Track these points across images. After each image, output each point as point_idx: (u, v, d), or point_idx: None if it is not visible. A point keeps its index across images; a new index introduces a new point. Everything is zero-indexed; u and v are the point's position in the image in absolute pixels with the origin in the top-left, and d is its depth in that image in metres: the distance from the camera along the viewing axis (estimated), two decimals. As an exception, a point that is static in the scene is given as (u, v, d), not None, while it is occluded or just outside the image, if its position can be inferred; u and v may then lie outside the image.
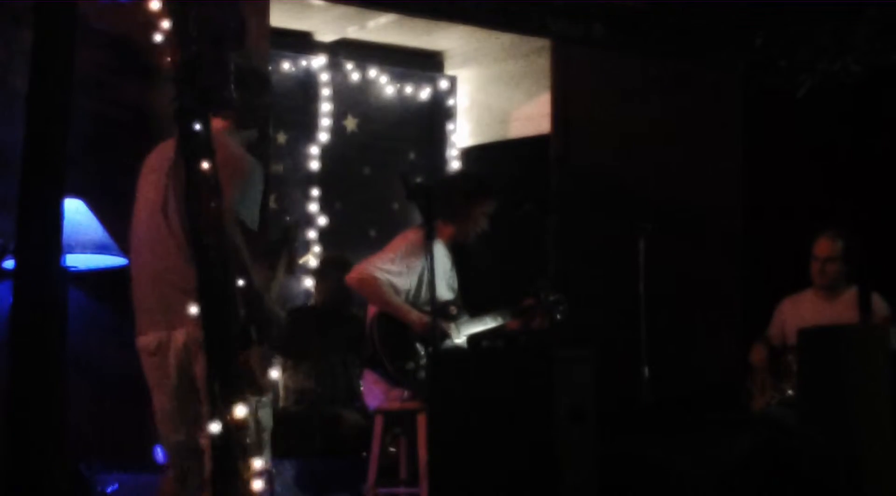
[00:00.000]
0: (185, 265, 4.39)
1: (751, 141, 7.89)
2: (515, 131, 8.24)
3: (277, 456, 6.09)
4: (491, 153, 8.32)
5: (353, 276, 5.90)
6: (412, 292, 5.92)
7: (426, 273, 5.80)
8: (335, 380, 6.94)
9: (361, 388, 6.25)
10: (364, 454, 6.11)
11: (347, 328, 6.92)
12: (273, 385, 4.84)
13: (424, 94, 8.33)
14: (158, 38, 4.62)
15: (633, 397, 6.22)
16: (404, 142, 8.30)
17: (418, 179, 7.73)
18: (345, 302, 6.97)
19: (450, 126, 8.44)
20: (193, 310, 4.35)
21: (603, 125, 7.74)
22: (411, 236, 6.00)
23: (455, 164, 8.39)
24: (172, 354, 4.52)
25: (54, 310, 4.10)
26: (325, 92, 7.88)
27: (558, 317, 6.15)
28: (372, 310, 5.96)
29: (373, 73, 8.10)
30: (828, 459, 5.06)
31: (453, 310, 6.03)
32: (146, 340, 4.58)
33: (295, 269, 5.90)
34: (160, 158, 4.65)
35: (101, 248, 5.53)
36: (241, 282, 4.35)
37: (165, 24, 4.55)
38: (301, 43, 7.80)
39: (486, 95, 8.39)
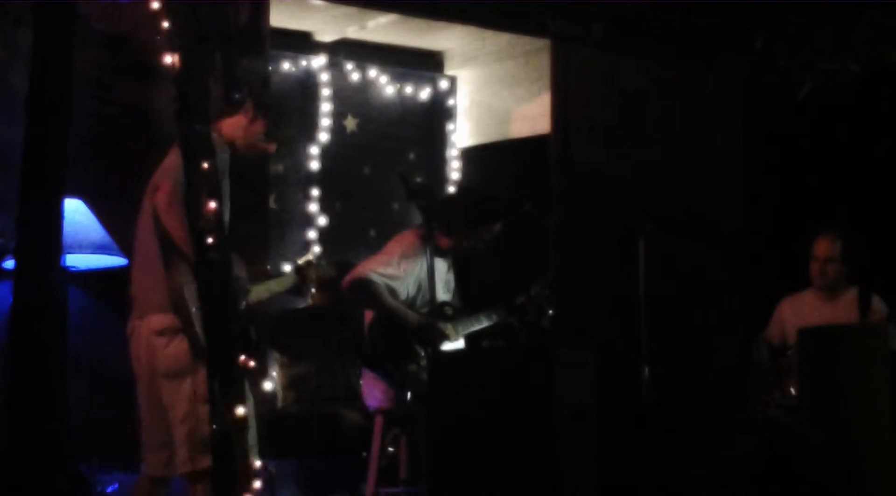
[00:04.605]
0: (158, 262, 4.73)
1: (751, 141, 7.90)
2: (515, 131, 8.23)
3: (277, 456, 6.11)
4: (491, 153, 8.32)
5: (348, 281, 5.85)
6: (410, 295, 5.90)
7: (424, 274, 5.80)
8: (334, 379, 6.93)
9: (361, 388, 6.25)
10: (364, 454, 6.11)
11: (346, 328, 6.91)
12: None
13: (424, 94, 8.33)
14: (158, 38, 4.63)
15: (633, 397, 6.22)
16: (404, 142, 8.29)
17: (418, 179, 7.72)
18: (345, 302, 6.96)
19: (450, 126, 8.43)
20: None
21: (603, 125, 7.73)
22: (408, 238, 5.97)
23: (455, 164, 8.39)
24: (140, 341, 4.81)
25: (54, 310, 4.11)
26: (325, 92, 7.87)
27: (551, 312, 6.15)
28: (370, 312, 5.95)
29: (373, 73, 8.09)
30: (828, 459, 5.06)
31: (449, 310, 6.02)
32: (128, 327, 4.89)
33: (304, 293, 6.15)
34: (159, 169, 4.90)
35: (101, 248, 5.53)
36: None
37: (165, 24, 4.56)
38: (301, 43, 7.79)
39: (486, 95, 8.39)
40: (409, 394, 5.78)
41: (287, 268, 7.09)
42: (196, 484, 4.69)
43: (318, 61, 7.84)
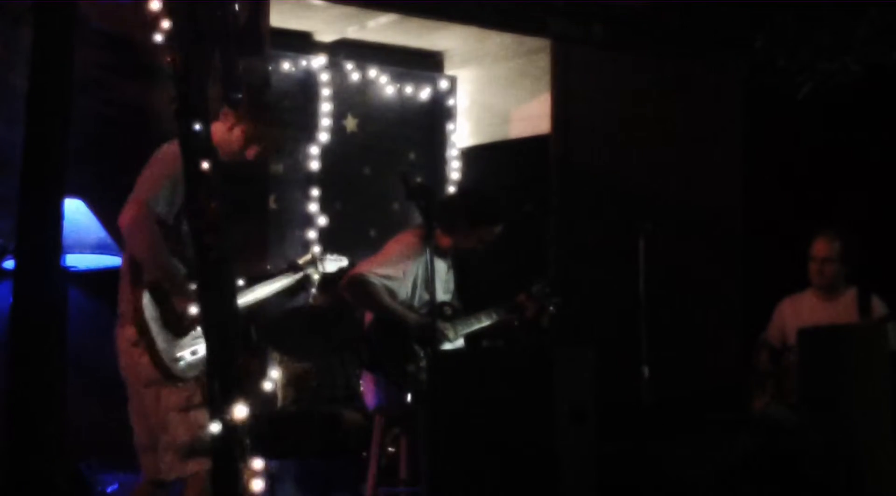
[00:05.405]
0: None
1: (751, 141, 7.90)
2: (515, 131, 8.24)
3: (277, 456, 6.11)
4: (491, 153, 8.32)
5: (346, 281, 5.83)
6: (409, 295, 5.90)
7: (423, 274, 5.79)
8: (334, 379, 6.93)
9: (361, 388, 6.26)
10: (364, 454, 6.11)
11: (346, 328, 6.91)
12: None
13: (424, 94, 8.33)
14: (158, 38, 4.63)
15: (633, 397, 6.22)
16: (404, 142, 8.29)
17: (418, 179, 7.73)
18: (345, 303, 6.96)
19: (450, 126, 8.43)
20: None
21: (603, 125, 7.74)
22: (405, 239, 5.97)
23: (455, 164, 8.40)
24: (120, 348, 4.81)
25: (54, 310, 4.11)
26: (325, 92, 7.87)
27: (552, 309, 6.14)
28: (370, 312, 5.94)
29: (373, 73, 8.09)
30: (828, 459, 5.06)
31: (449, 310, 6.02)
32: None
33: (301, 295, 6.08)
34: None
35: (101, 248, 5.53)
36: None
37: (165, 24, 4.55)
38: (301, 43, 7.79)
39: (486, 95, 8.39)
40: (408, 395, 5.78)
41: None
42: (188, 488, 4.70)
43: (318, 61, 7.84)
